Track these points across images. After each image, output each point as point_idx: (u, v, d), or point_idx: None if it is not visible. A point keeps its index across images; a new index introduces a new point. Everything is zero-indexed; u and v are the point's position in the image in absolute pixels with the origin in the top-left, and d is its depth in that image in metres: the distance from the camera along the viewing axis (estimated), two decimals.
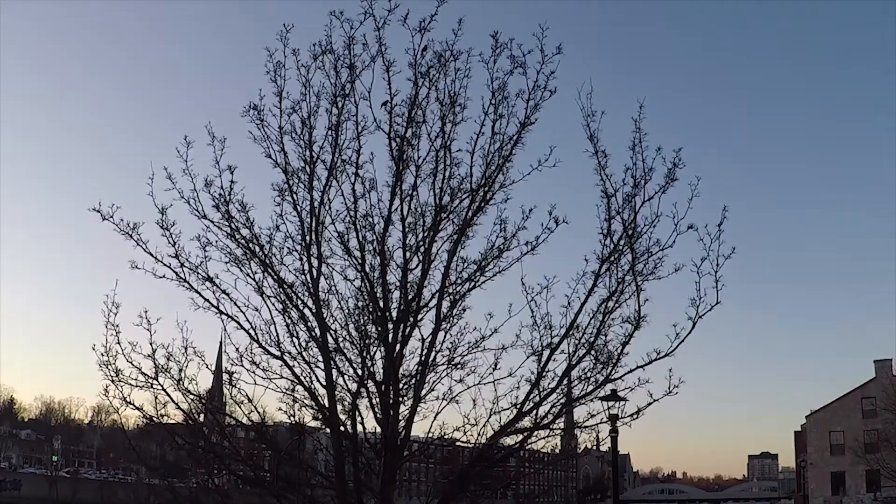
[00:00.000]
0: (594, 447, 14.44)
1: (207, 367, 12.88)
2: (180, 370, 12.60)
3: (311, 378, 12.74)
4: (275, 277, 12.70)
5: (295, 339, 12.70)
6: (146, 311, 12.49)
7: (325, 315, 12.69)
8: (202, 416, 13.53)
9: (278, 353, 12.68)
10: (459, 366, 12.71)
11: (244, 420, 13.03)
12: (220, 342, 13.17)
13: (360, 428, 12.79)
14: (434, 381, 12.72)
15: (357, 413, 12.69)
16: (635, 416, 12.85)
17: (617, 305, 12.43)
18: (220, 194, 12.61)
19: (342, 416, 12.78)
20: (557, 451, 14.92)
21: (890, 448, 75.12)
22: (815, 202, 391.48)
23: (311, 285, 12.66)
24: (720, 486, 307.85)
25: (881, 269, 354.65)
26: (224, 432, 13.52)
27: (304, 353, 12.68)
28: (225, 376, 13.05)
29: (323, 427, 13.25)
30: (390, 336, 12.55)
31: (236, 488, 14.16)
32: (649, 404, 12.42)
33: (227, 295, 12.73)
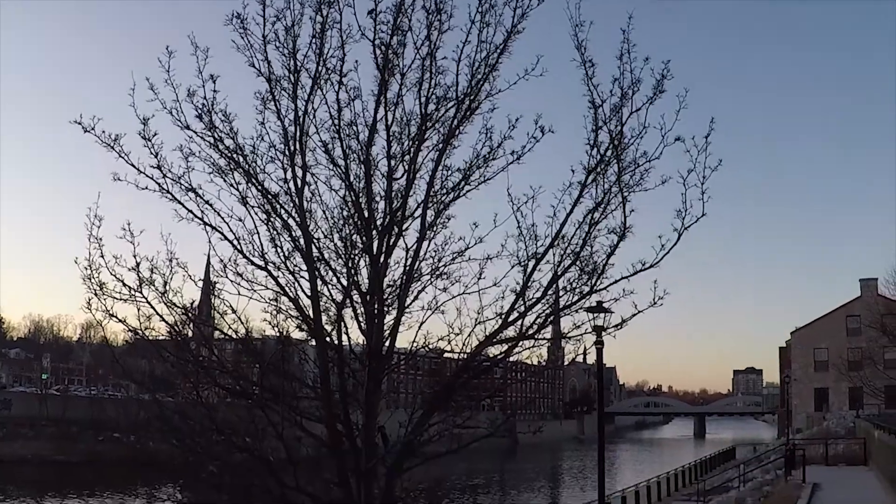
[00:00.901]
0: (577, 356, 14.51)
1: (192, 278, 12.82)
2: (165, 282, 12.53)
3: (295, 289, 12.75)
4: (258, 187, 12.57)
5: (279, 249, 12.65)
6: (129, 224, 12.33)
7: (309, 225, 12.63)
8: (188, 329, 13.48)
9: (262, 264, 12.64)
10: (444, 275, 12.77)
11: (230, 332, 13.04)
12: (208, 255, 13.10)
13: (345, 339, 12.81)
14: (418, 291, 12.78)
15: (342, 323, 12.72)
16: (619, 327, 13.02)
17: (603, 216, 12.42)
18: (203, 104, 12.38)
19: (327, 327, 12.80)
20: (543, 362, 14.98)
21: (873, 366, 76.24)
22: (805, 118, 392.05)
23: (295, 195, 12.59)
24: (705, 400, 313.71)
25: (870, 190, 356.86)
26: (210, 345, 13.51)
27: (287, 263, 12.66)
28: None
29: (308, 338, 13.26)
30: (375, 246, 12.55)
31: (223, 401, 14.19)
32: (634, 315, 12.49)
33: (211, 205, 12.61)
